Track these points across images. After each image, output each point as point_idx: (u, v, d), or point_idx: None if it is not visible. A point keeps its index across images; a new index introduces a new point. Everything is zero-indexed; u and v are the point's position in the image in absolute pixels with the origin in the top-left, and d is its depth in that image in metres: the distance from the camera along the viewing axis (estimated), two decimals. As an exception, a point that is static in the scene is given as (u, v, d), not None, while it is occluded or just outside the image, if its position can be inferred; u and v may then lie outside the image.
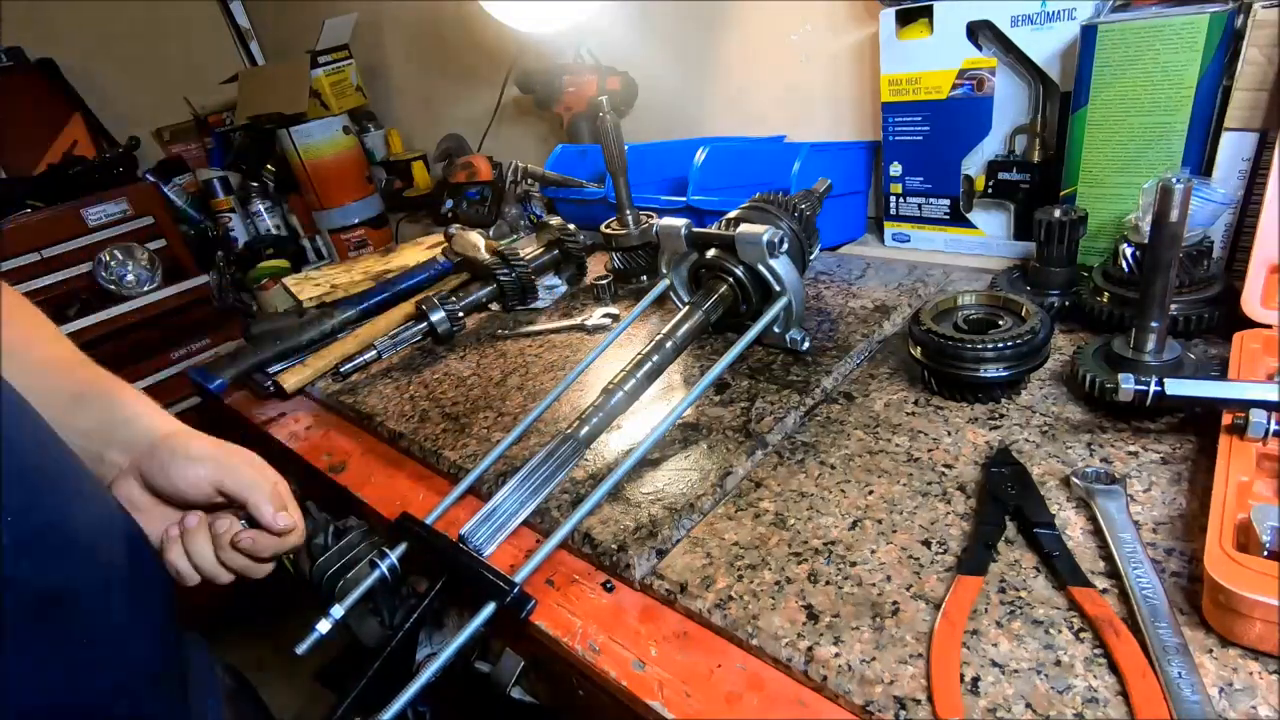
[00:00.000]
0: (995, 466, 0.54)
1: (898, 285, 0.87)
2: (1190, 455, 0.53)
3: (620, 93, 1.35)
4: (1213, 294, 0.65)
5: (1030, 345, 0.60)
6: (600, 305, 0.97)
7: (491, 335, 0.95)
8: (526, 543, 0.61)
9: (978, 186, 0.90)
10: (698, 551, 0.53)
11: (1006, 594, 0.45)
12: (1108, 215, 0.75)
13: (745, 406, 0.68)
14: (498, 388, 0.81)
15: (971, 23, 0.82)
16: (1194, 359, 0.58)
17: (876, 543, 0.51)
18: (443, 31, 1.70)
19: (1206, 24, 0.64)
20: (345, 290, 1.16)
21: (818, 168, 0.94)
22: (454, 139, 1.70)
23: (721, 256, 0.75)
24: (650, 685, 0.47)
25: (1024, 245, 0.88)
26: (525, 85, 1.44)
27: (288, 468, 0.91)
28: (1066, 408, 0.61)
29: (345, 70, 1.82)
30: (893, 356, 0.73)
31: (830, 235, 1.01)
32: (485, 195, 1.46)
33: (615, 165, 0.93)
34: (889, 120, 0.93)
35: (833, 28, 1.07)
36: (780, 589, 0.49)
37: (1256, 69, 0.63)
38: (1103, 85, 0.71)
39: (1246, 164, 0.67)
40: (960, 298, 0.68)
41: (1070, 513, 0.50)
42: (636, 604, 0.53)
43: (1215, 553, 0.40)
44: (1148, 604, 0.41)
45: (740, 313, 0.76)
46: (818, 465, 0.60)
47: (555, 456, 0.60)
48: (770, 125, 1.20)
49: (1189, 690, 0.37)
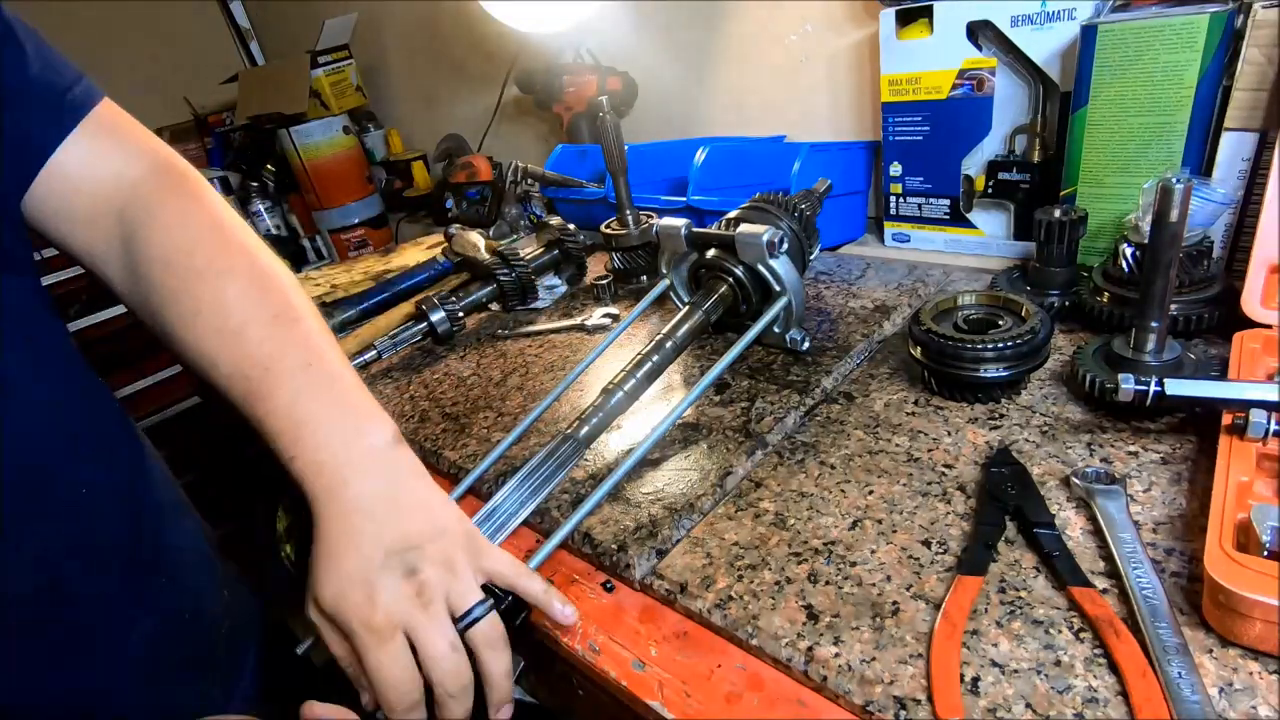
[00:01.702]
0: (995, 466, 0.54)
1: (898, 285, 0.87)
2: (1190, 455, 0.53)
3: (620, 93, 1.35)
4: (1213, 294, 0.65)
5: (1030, 345, 0.60)
6: (600, 305, 0.97)
7: (491, 335, 0.95)
8: (527, 543, 0.61)
9: (978, 186, 0.90)
10: (698, 551, 0.53)
11: (1006, 594, 0.45)
12: (1108, 215, 0.75)
13: (745, 406, 0.68)
14: (498, 388, 0.81)
15: (971, 23, 0.82)
16: (1194, 359, 0.58)
17: (876, 543, 0.51)
18: (443, 31, 1.70)
19: (1206, 24, 0.63)
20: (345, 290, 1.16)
21: (818, 168, 0.94)
22: (454, 139, 1.70)
23: (721, 256, 0.75)
24: (650, 685, 0.47)
25: (1024, 245, 0.88)
26: (525, 85, 1.44)
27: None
28: (1066, 408, 0.61)
29: (345, 70, 1.82)
30: (893, 356, 0.73)
31: (830, 235, 1.01)
32: (485, 195, 1.46)
33: (615, 165, 0.93)
34: (889, 120, 0.93)
35: (833, 28, 1.07)
36: (780, 589, 0.49)
37: (1256, 69, 0.63)
38: (1103, 85, 0.71)
39: (1246, 164, 0.67)
40: (960, 298, 0.68)
41: (1070, 513, 0.50)
42: (636, 604, 0.53)
43: (1215, 553, 0.40)
44: (1148, 604, 0.41)
45: (740, 313, 0.76)
46: (818, 465, 0.60)
47: (555, 456, 0.60)
48: (770, 125, 1.20)
49: (1189, 690, 0.37)
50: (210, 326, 0.47)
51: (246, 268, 0.49)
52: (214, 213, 0.51)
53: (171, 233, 0.49)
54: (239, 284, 0.48)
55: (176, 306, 0.47)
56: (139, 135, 0.52)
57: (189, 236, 0.49)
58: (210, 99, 2.16)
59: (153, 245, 0.48)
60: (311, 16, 1.88)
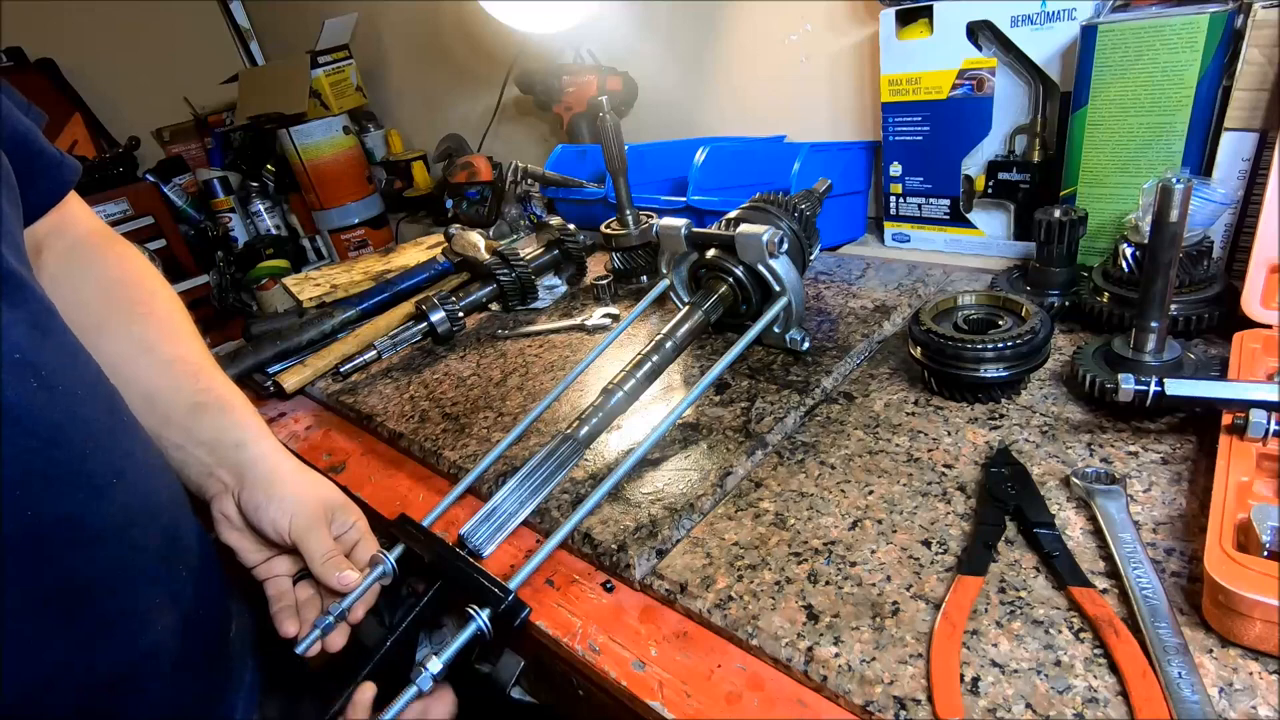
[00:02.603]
0: (995, 466, 0.54)
1: (898, 285, 0.87)
2: (1190, 455, 0.53)
3: (620, 93, 1.35)
4: (1213, 294, 0.65)
5: (1030, 345, 0.60)
6: (600, 305, 0.97)
7: (491, 335, 0.95)
8: (526, 543, 0.61)
9: (978, 186, 0.90)
10: (698, 551, 0.53)
11: (1006, 594, 0.45)
12: (1108, 215, 0.75)
13: (745, 406, 0.68)
14: (498, 388, 0.81)
15: (971, 23, 0.82)
16: (1194, 359, 0.58)
17: (876, 543, 0.51)
18: (443, 31, 1.70)
19: (1206, 24, 0.64)
20: (345, 290, 1.16)
21: (818, 168, 0.94)
22: (454, 139, 1.70)
23: (721, 256, 0.75)
24: (650, 685, 0.47)
25: (1024, 245, 0.88)
26: (525, 85, 1.44)
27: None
28: (1066, 408, 0.61)
29: (345, 70, 1.82)
30: (893, 356, 0.73)
31: (830, 235, 1.01)
32: (485, 195, 1.46)
33: (615, 165, 0.93)
34: (889, 120, 0.93)
35: (833, 28, 1.07)
36: (780, 589, 0.49)
37: (1256, 69, 0.63)
38: (1103, 85, 0.71)
39: (1246, 164, 0.67)
40: (960, 298, 0.68)
41: (1070, 513, 0.50)
42: (636, 604, 0.53)
43: (1215, 553, 0.40)
44: (1148, 604, 0.41)
45: (740, 313, 0.76)
46: (818, 465, 0.60)
47: (555, 456, 0.60)
48: (770, 125, 1.20)
49: (1189, 690, 0.37)
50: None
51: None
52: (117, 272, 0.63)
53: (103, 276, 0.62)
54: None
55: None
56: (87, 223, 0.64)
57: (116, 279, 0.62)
58: (210, 99, 2.16)
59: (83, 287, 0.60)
60: (311, 16, 1.88)
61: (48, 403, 0.44)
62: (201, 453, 0.58)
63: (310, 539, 0.56)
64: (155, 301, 0.63)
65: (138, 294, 0.62)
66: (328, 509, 0.58)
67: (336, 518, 0.59)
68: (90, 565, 0.45)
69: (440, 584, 0.54)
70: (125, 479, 0.48)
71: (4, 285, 0.44)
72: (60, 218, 0.61)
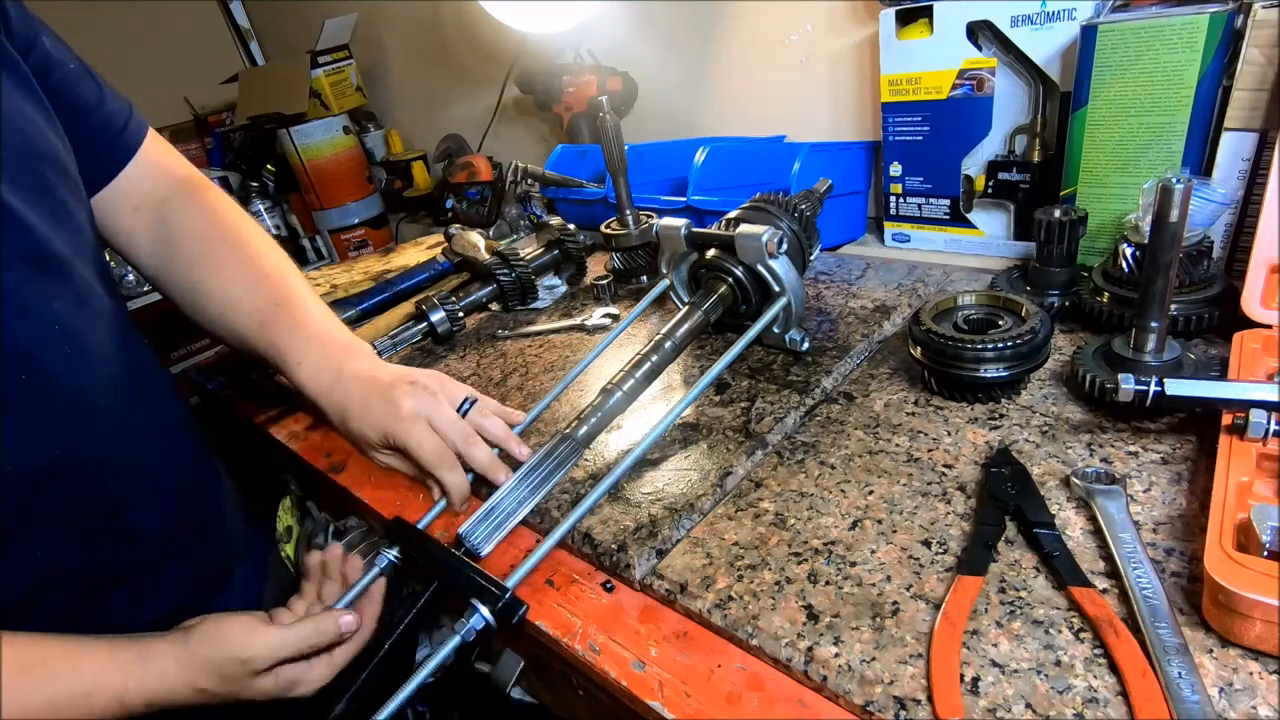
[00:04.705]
0: (995, 466, 0.54)
1: (898, 285, 0.87)
2: (1190, 455, 0.53)
3: (620, 93, 1.35)
4: (1213, 294, 0.65)
5: (1030, 345, 0.60)
6: (600, 305, 0.97)
7: (491, 335, 0.95)
8: (526, 542, 0.61)
9: (978, 186, 0.90)
10: (698, 551, 0.53)
11: (1006, 594, 0.45)
12: (1108, 215, 0.75)
13: (745, 406, 0.68)
14: (498, 388, 0.81)
15: (971, 23, 0.82)
16: (1194, 359, 0.58)
17: (876, 543, 0.51)
18: (443, 31, 1.70)
19: (1206, 24, 0.64)
20: (345, 290, 1.16)
21: (818, 168, 0.94)
22: (454, 139, 1.70)
23: (721, 256, 0.75)
24: (650, 685, 0.47)
25: (1024, 245, 0.88)
26: (525, 85, 1.44)
27: (288, 468, 0.92)
28: (1066, 408, 0.61)
29: (345, 70, 1.82)
30: (893, 356, 0.73)
31: (830, 235, 1.01)
32: (485, 195, 1.46)
33: (615, 165, 0.93)
34: (889, 120, 0.93)
35: (833, 28, 1.07)
36: (780, 589, 0.49)
37: (1256, 69, 0.63)
38: (1103, 85, 0.71)
39: (1246, 164, 0.67)
40: (960, 298, 0.68)
41: (1070, 513, 0.50)
42: (636, 604, 0.53)
43: (1215, 553, 0.40)
44: (1148, 604, 0.41)
45: (740, 313, 0.76)
46: (818, 465, 0.60)
47: (553, 456, 0.60)
48: (770, 125, 1.20)
49: (1189, 690, 0.37)
50: (235, 274, 0.69)
51: (257, 236, 0.72)
52: (227, 208, 0.73)
53: (202, 217, 0.71)
54: (254, 245, 0.71)
55: (207, 261, 0.69)
56: (172, 159, 0.72)
57: (215, 220, 0.71)
58: (210, 99, 2.15)
59: (186, 225, 0.70)
60: (311, 16, 1.88)
61: (79, 366, 0.55)
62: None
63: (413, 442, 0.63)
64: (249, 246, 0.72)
65: (238, 234, 0.71)
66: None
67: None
68: (101, 489, 0.57)
69: (438, 583, 0.54)
70: (140, 432, 0.60)
71: (50, 267, 0.54)
72: (144, 172, 0.69)
